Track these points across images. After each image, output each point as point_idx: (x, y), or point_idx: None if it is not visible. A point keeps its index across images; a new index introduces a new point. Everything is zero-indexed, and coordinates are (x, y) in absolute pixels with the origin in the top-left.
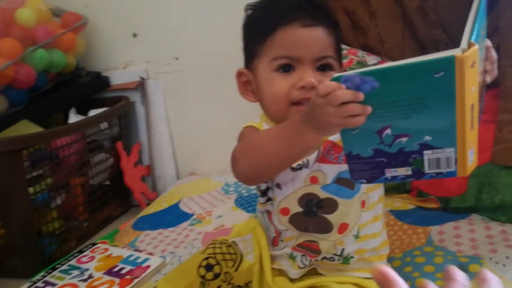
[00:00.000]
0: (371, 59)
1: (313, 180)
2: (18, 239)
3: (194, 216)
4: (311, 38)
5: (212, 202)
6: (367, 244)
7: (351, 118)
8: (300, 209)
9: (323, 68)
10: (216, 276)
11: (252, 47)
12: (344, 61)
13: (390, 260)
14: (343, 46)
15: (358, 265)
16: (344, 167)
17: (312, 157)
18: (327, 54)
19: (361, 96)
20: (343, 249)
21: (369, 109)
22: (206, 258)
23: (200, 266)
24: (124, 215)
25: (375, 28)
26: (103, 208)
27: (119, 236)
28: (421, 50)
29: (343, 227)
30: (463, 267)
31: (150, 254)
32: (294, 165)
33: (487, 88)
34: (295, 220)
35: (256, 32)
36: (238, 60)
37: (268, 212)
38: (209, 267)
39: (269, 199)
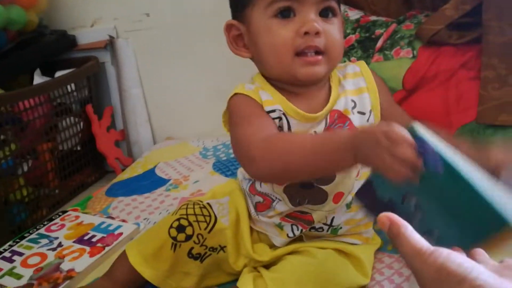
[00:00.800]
0: (353, 13)
1: None
2: None
3: (170, 182)
4: None
5: (189, 167)
6: (358, 214)
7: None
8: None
9: (326, 13)
10: (188, 237)
11: None
12: None
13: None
14: None
15: (344, 233)
16: None
17: (319, 129)
18: None
19: (421, 166)
20: (333, 218)
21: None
22: (178, 219)
23: (171, 227)
24: (99, 182)
25: None
26: (75, 174)
27: (91, 203)
28: (407, 4)
29: (338, 196)
30: None
31: (123, 221)
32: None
33: (472, 44)
34: (289, 190)
35: None
36: (216, 17)
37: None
38: (180, 228)
39: None
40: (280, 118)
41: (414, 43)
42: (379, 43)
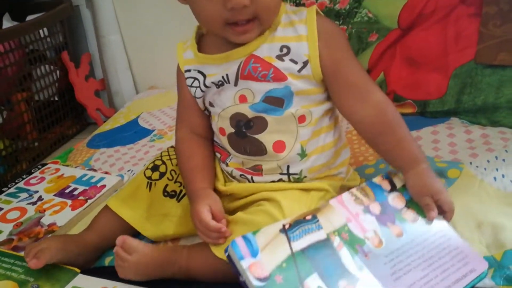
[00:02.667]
0: None
1: (242, 99)
2: None
3: (155, 132)
4: None
5: (174, 117)
6: (317, 160)
7: None
8: (232, 130)
9: None
10: (162, 175)
11: None
12: None
13: (362, 168)
14: None
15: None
16: (273, 85)
17: (231, 72)
18: None
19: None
20: (288, 167)
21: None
22: (153, 161)
23: (146, 169)
24: (80, 134)
25: None
26: (55, 126)
27: (72, 155)
28: None
29: (279, 146)
30: (442, 173)
31: (106, 173)
32: (216, 80)
33: None
34: (231, 141)
35: None
36: None
37: None
38: (154, 168)
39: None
40: (194, 78)
41: None
42: None
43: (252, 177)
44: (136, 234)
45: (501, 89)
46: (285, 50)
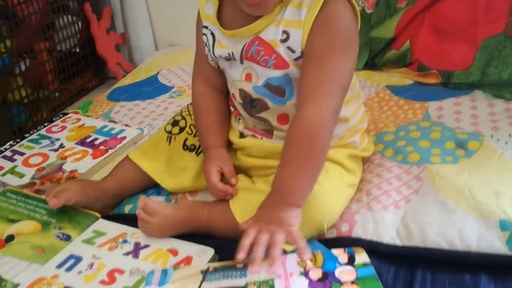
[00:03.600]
0: None
1: (248, 77)
2: None
3: (174, 89)
4: None
5: None
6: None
7: None
8: (241, 101)
9: None
10: (182, 129)
11: None
12: None
13: (382, 136)
14: None
15: None
16: (273, 73)
17: (237, 51)
18: None
19: None
20: None
21: None
22: (173, 117)
23: (167, 124)
24: (100, 87)
25: None
26: (76, 78)
27: (93, 107)
28: None
29: (284, 118)
30: (462, 144)
31: (126, 125)
32: (223, 55)
33: None
34: (242, 108)
35: None
36: None
37: None
38: (175, 123)
39: None
40: (207, 37)
41: None
42: None
43: (262, 138)
44: (154, 185)
45: None
46: (285, 36)
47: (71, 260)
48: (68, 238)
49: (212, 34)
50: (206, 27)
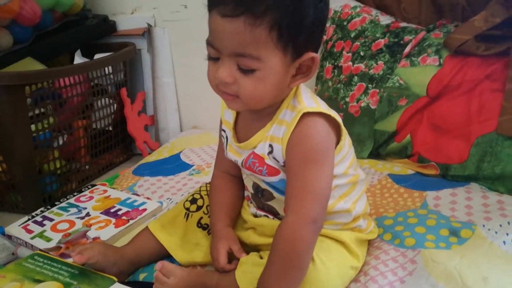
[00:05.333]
0: (384, 19)
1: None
2: (19, 175)
3: (194, 167)
4: (225, 32)
5: (213, 155)
6: (331, 218)
7: None
8: (252, 191)
9: (243, 69)
10: (199, 208)
11: None
12: (357, 19)
13: (382, 220)
14: (357, 4)
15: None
16: (269, 179)
17: (240, 159)
18: (244, 52)
19: None
20: None
21: None
22: (193, 195)
23: (186, 201)
24: (126, 163)
25: None
26: (105, 153)
27: (119, 180)
28: (438, 13)
29: None
30: (455, 232)
31: (148, 198)
32: (232, 159)
33: (499, 56)
34: (252, 198)
35: None
36: None
37: None
38: (193, 201)
39: None
40: (224, 136)
41: (441, 52)
42: (407, 49)
43: (274, 218)
44: (168, 256)
45: None
46: (270, 149)
47: None
48: None
49: (227, 138)
50: (224, 131)
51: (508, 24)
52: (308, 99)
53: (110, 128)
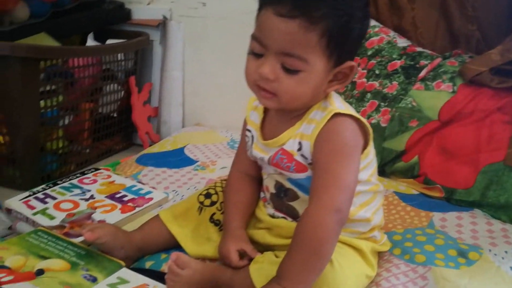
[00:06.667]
0: (401, 41)
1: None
2: (21, 150)
3: (198, 163)
4: (278, 30)
5: (217, 154)
6: (349, 226)
7: None
8: (274, 191)
9: (287, 68)
10: (213, 203)
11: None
12: (375, 38)
13: (390, 235)
14: (376, 24)
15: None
16: (297, 175)
17: (266, 158)
18: (293, 53)
19: None
20: None
21: None
22: (207, 189)
23: (200, 194)
24: (125, 151)
25: (411, 11)
26: (107, 139)
27: (121, 167)
28: (452, 42)
29: None
30: (463, 253)
31: (153, 188)
32: (258, 157)
33: (511, 90)
34: (272, 199)
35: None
36: None
37: None
38: (208, 195)
39: None
40: (249, 136)
41: (455, 80)
42: (423, 73)
43: (292, 220)
44: (175, 247)
45: None
46: (299, 146)
47: None
48: (94, 280)
49: (252, 137)
50: (249, 131)
51: None
52: (339, 103)
53: (115, 115)
